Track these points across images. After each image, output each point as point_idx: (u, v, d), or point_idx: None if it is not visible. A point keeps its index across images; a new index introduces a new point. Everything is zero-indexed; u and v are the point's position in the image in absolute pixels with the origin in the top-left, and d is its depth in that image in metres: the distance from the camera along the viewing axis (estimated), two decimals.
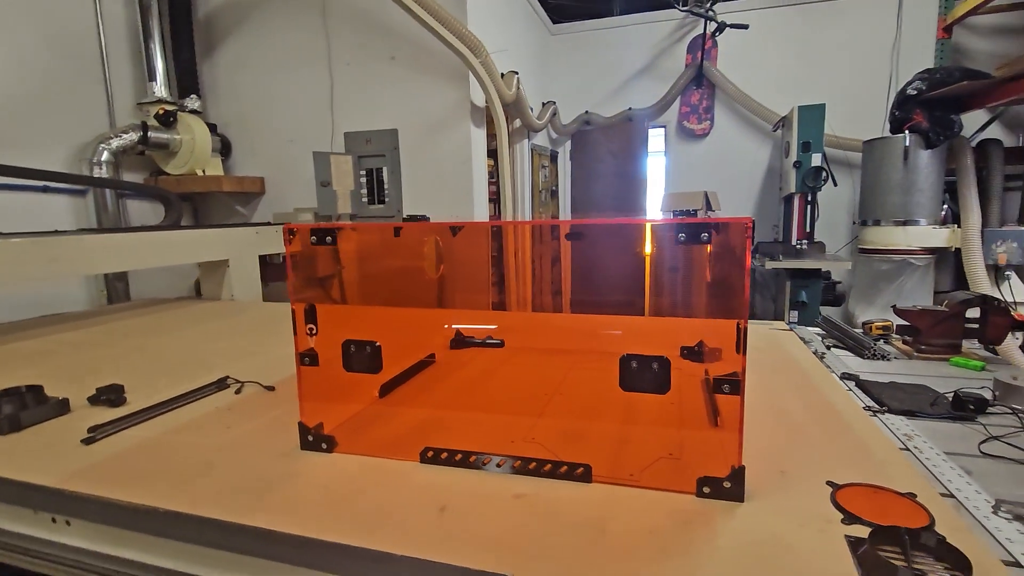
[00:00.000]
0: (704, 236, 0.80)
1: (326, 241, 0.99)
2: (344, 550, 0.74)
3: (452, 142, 3.44)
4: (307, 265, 1.04)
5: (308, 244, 1.02)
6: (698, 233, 0.80)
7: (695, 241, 0.81)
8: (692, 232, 0.80)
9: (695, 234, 0.80)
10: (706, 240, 0.80)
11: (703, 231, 0.80)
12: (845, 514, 0.77)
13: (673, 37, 5.12)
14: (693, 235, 0.80)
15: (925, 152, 3.83)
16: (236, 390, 1.38)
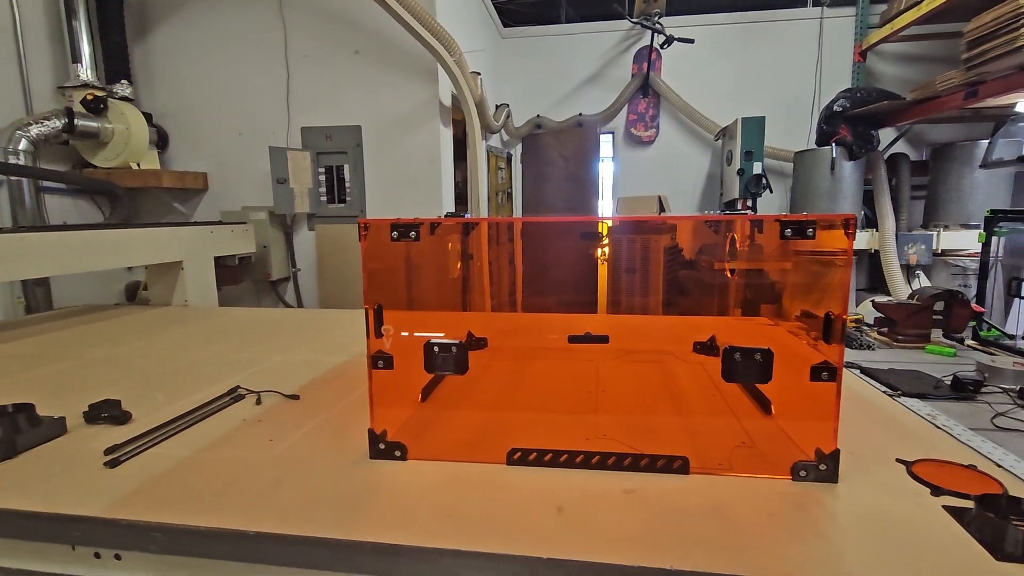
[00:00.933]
0: (809, 231, 0.84)
1: (409, 236, 0.93)
2: (486, 559, 0.70)
3: (420, 141, 3.37)
4: (381, 263, 0.98)
5: (385, 241, 0.96)
6: (804, 229, 0.84)
7: (801, 236, 0.85)
8: (798, 228, 0.84)
9: (801, 230, 0.84)
10: (811, 235, 0.85)
11: (808, 227, 0.84)
12: (931, 487, 0.85)
13: (620, 47, 5.33)
14: (799, 230, 0.84)
15: (848, 163, 4.24)
16: (256, 401, 1.27)
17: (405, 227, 0.94)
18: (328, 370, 1.52)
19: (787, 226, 0.85)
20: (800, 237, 0.86)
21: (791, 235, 0.86)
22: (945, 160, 4.21)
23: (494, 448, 1.00)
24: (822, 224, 0.85)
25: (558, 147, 5.47)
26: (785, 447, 0.99)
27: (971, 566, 0.67)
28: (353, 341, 1.87)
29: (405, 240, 0.94)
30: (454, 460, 0.96)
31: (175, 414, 1.18)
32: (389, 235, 0.95)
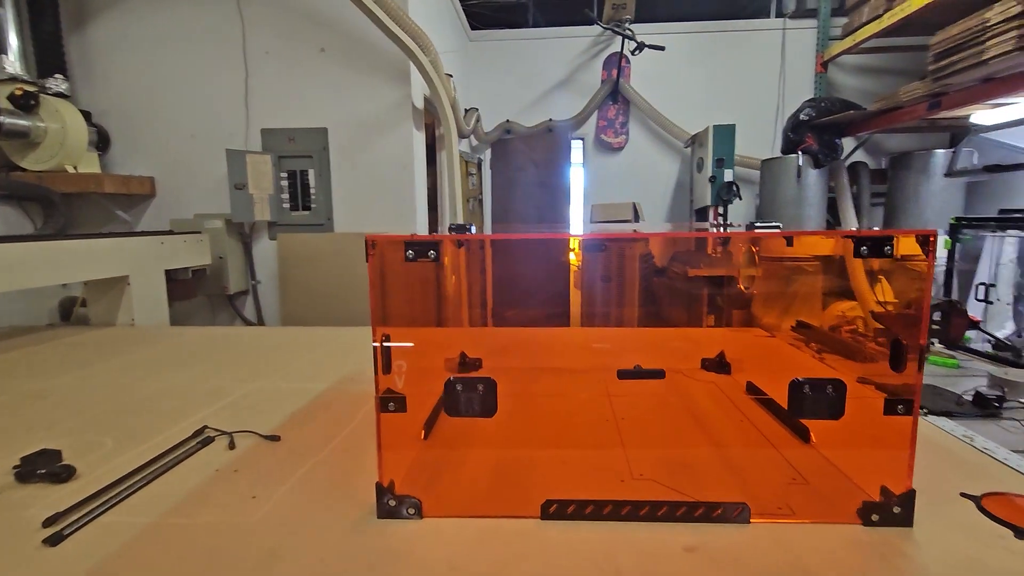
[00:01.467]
0: (887, 249, 0.76)
1: (428, 256, 0.79)
2: None
3: (392, 145, 3.19)
4: (393, 285, 0.84)
5: (398, 260, 0.82)
6: (881, 245, 0.75)
7: (878, 254, 0.76)
8: (875, 244, 0.76)
9: (878, 246, 0.76)
10: (888, 253, 0.76)
11: (886, 244, 0.75)
12: (1013, 528, 0.77)
13: (590, 52, 5.30)
14: (876, 247, 0.76)
15: (814, 171, 4.34)
16: (229, 444, 1.09)
17: (423, 245, 0.79)
18: (308, 401, 1.35)
19: (862, 243, 0.77)
20: (877, 256, 0.77)
21: (867, 253, 0.77)
22: (903, 168, 4.37)
23: (523, 498, 0.87)
24: (899, 240, 0.77)
25: (528, 153, 5.38)
26: (841, 484, 0.91)
27: None
28: (332, 364, 1.70)
29: (422, 260, 0.80)
30: (478, 516, 0.83)
31: (130, 466, 0.99)
32: (403, 254, 0.81)
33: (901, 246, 1.38)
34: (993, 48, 2.51)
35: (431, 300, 1.68)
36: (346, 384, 1.49)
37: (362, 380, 1.52)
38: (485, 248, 1.35)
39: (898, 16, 3.57)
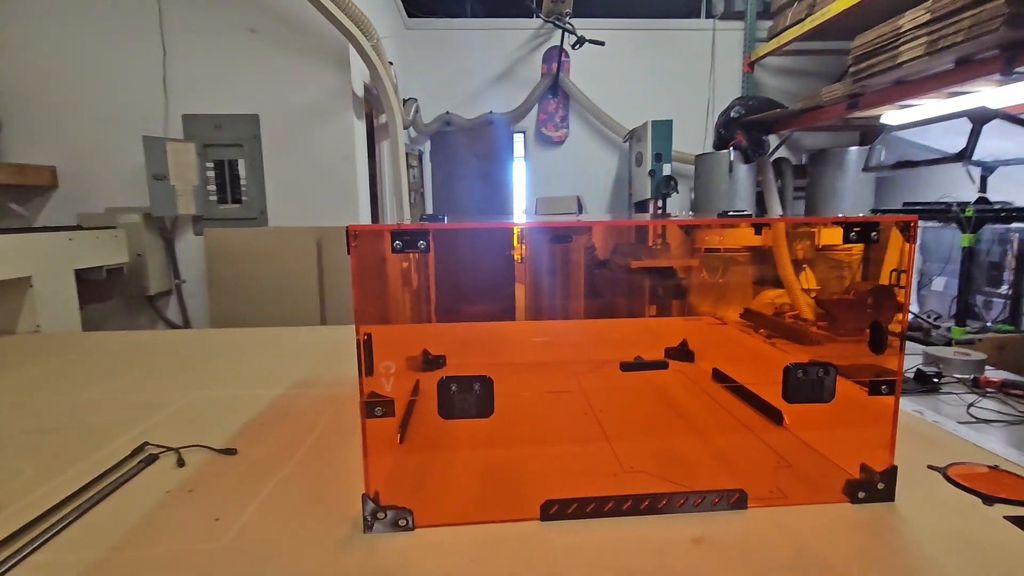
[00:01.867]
0: (873, 235, 0.78)
1: (417, 247, 0.73)
2: None
3: (331, 135, 3.02)
4: (377, 280, 0.77)
5: (383, 251, 0.75)
6: (869, 232, 0.77)
7: (866, 240, 0.78)
8: (864, 230, 0.77)
9: (867, 232, 0.77)
10: (875, 239, 0.78)
11: (872, 229, 0.77)
12: (980, 496, 0.82)
13: (529, 45, 5.28)
14: (864, 233, 0.78)
15: (744, 166, 4.56)
16: (177, 461, 0.98)
17: (411, 235, 0.73)
18: (261, 409, 1.24)
19: (851, 228, 0.78)
20: (865, 241, 0.79)
21: (856, 238, 0.79)
22: (821, 164, 4.69)
23: (518, 500, 0.83)
24: (886, 225, 0.79)
25: (470, 145, 5.30)
26: (821, 464, 0.93)
27: None
28: (281, 368, 1.57)
29: (411, 251, 0.74)
30: (474, 522, 0.78)
31: (59, 495, 0.86)
32: (388, 245, 0.74)
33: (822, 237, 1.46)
34: (906, 52, 2.73)
35: (395, 296, 1.60)
36: (302, 389, 1.38)
37: (318, 384, 1.42)
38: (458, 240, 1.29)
39: (818, 21, 3.82)
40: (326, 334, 2.01)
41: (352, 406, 1.25)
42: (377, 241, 0.77)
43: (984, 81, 2.80)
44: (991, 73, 2.50)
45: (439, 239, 0.81)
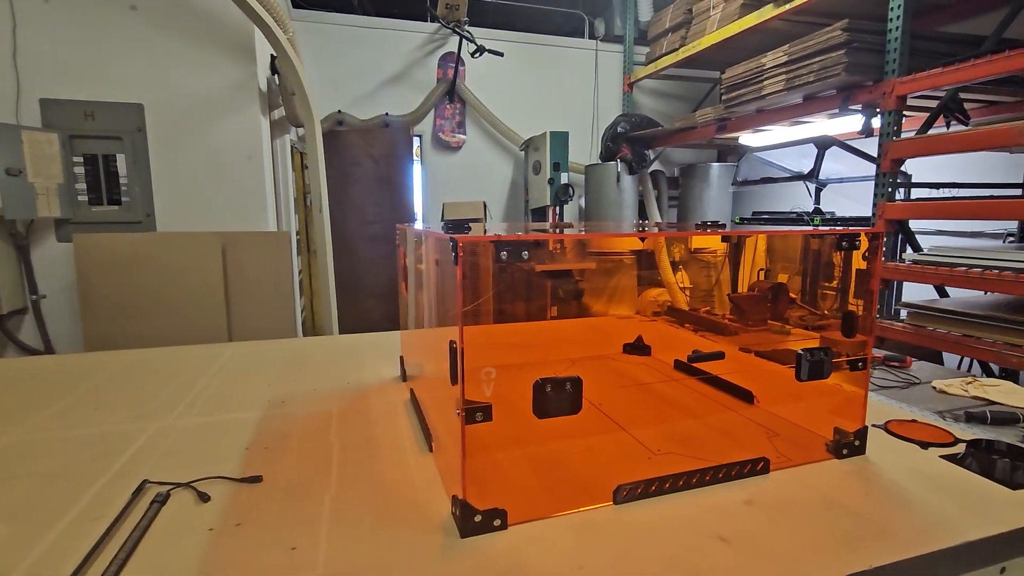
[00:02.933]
0: (857, 243, 0.97)
1: (522, 258, 0.76)
2: None
3: (234, 131, 2.76)
4: (477, 291, 0.78)
5: (490, 263, 0.76)
6: (854, 239, 0.96)
7: (852, 247, 0.97)
8: (850, 240, 0.96)
9: (852, 241, 0.96)
10: (857, 245, 0.98)
11: (856, 239, 0.97)
12: (917, 443, 1.07)
13: (425, 49, 5.26)
14: (851, 243, 0.96)
15: (628, 177, 5.02)
16: (200, 497, 0.88)
17: (514, 246, 0.76)
18: (253, 434, 1.15)
19: (843, 239, 0.97)
20: (852, 248, 0.99)
21: (847, 247, 0.98)
22: (690, 177, 5.33)
23: (584, 489, 0.90)
24: (864, 235, 0.99)
25: (366, 147, 5.12)
26: (798, 432, 1.13)
27: (990, 492, 0.87)
28: (242, 387, 1.44)
29: (515, 262, 0.77)
30: (558, 513, 0.83)
31: (71, 553, 0.74)
32: (492, 257, 0.76)
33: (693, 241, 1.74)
34: (768, 87, 3.26)
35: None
36: (283, 409, 1.29)
37: (297, 401, 1.34)
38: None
39: (690, 52, 4.35)
40: (253, 350, 1.85)
41: (357, 418, 1.21)
42: (476, 252, 0.78)
43: (820, 114, 3.44)
44: (831, 108, 3.09)
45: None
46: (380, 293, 5.29)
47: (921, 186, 3.16)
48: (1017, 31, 2.79)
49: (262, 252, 2.78)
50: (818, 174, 3.33)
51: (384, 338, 2.05)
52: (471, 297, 0.80)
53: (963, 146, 2.41)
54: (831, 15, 3.27)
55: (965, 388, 1.39)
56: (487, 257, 1.12)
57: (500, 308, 1.90)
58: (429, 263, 1.13)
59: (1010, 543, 0.78)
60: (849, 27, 2.72)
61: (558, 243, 4.26)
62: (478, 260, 0.82)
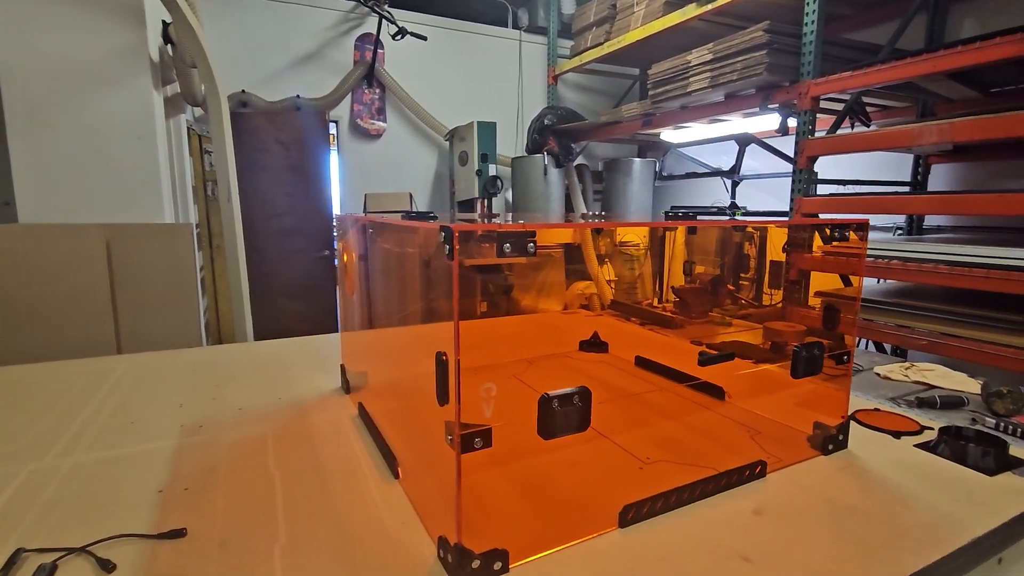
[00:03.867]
0: (846, 233, 0.94)
1: (527, 251, 0.64)
2: None
3: (120, 107, 2.35)
4: (470, 287, 0.65)
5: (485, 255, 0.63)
6: (845, 230, 0.94)
7: (842, 239, 0.94)
8: (841, 231, 0.93)
9: (842, 232, 0.93)
10: (846, 237, 0.95)
11: (847, 228, 0.94)
12: (890, 433, 1.08)
13: (340, 28, 4.89)
14: (842, 234, 0.93)
15: (555, 169, 5.01)
16: (101, 565, 0.68)
17: (518, 237, 0.63)
18: (169, 473, 0.93)
19: (835, 229, 0.94)
20: (842, 240, 0.96)
21: (837, 237, 0.95)
22: (613, 171, 5.42)
23: (582, 510, 0.80)
24: (848, 225, 0.97)
25: (274, 132, 4.69)
26: (777, 428, 1.11)
27: (971, 480, 0.89)
28: (145, 411, 1.20)
29: (518, 255, 0.64)
30: (559, 547, 0.72)
31: None
32: (500, 248, 0.63)
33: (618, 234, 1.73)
34: (694, 83, 3.34)
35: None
36: (203, 435, 1.08)
37: (218, 426, 1.12)
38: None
39: (614, 47, 4.40)
40: (154, 362, 1.58)
41: (298, 442, 1.03)
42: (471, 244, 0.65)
43: (737, 113, 3.60)
44: (752, 107, 3.23)
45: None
46: (294, 293, 4.91)
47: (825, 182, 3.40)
48: (907, 42, 3.06)
49: (157, 247, 2.41)
50: (739, 169, 3.48)
51: (310, 343, 1.83)
52: (425, 296, 0.67)
53: (870, 145, 2.59)
54: (749, 18, 3.42)
55: (905, 373, 1.45)
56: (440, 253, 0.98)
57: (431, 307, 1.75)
58: (389, 256, 0.97)
59: (1006, 533, 0.78)
60: (770, 29, 2.84)
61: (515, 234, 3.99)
62: (428, 256, 0.69)
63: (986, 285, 1.97)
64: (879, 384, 1.44)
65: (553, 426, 0.68)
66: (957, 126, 2.07)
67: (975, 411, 1.19)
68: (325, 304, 4.92)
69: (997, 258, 1.95)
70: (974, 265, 2.03)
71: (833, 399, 1.02)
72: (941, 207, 2.56)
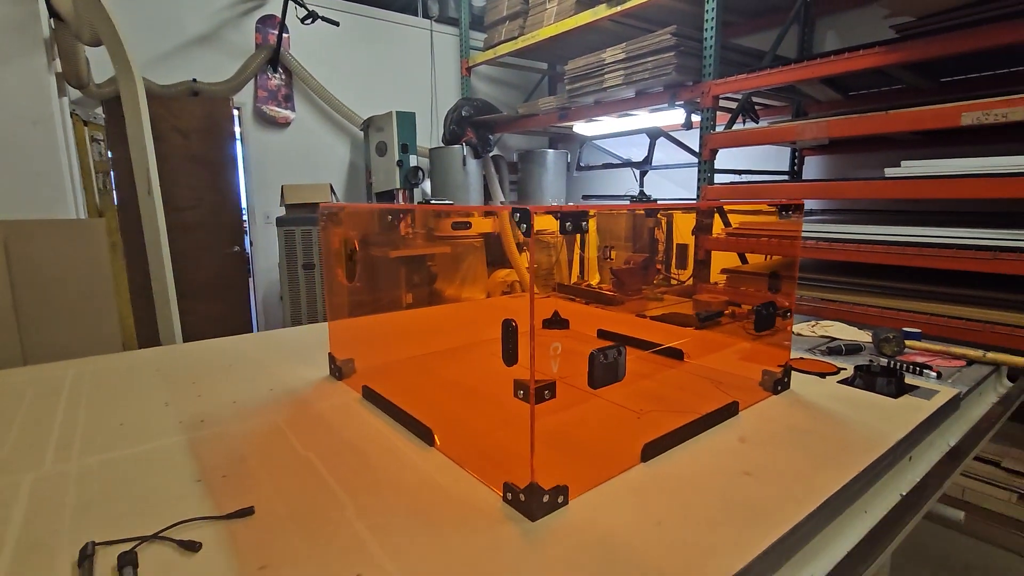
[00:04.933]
0: (792, 212, 1.15)
1: (582, 228, 0.74)
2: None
3: (12, 89, 2.07)
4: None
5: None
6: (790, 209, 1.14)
7: (786, 216, 1.15)
8: (795, 209, 1.14)
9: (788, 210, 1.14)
10: (792, 216, 1.15)
11: (796, 209, 1.14)
12: (816, 374, 1.33)
13: (237, 9, 4.55)
14: (796, 211, 1.14)
15: (474, 160, 5.09)
16: (185, 545, 0.70)
17: (576, 216, 0.74)
18: (196, 464, 0.93)
19: (785, 208, 1.14)
20: (786, 218, 1.16)
21: (790, 214, 1.15)
22: (528, 162, 5.61)
23: (605, 453, 0.94)
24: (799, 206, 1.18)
25: (171, 119, 4.29)
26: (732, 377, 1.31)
27: (882, 403, 1.15)
28: (120, 412, 1.14)
29: (577, 232, 0.74)
30: (598, 483, 0.85)
31: None
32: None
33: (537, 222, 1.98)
34: (609, 80, 3.59)
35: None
36: (210, 430, 1.07)
37: (220, 420, 1.11)
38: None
39: (528, 42, 4.55)
40: (110, 365, 1.47)
41: (315, 426, 1.06)
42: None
43: (645, 108, 3.92)
44: (660, 103, 3.54)
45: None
46: (201, 293, 4.57)
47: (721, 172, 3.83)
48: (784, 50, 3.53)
49: (65, 246, 2.18)
50: (650, 161, 3.80)
51: (265, 338, 1.80)
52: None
53: (765, 140, 2.98)
54: (655, 21, 3.73)
55: (813, 330, 1.76)
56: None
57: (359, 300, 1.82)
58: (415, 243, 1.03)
59: (913, 438, 1.03)
60: (676, 33, 3.14)
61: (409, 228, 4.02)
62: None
63: (857, 257, 2.39)
64: (794, 340, 1.72)
65: (602, 376, 0.80)
66: (833, 123, 2.47)
67: (871, 354, 1.49)
68: (238, 304, 4.62)
69: (864, 235, 2.38)
70: (846, 240, 2.45)
71: (774, 352, 1.24)
72: (815, 193, 3.02)
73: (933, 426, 1.11)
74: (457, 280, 5.60)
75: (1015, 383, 1.46)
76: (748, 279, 3.15)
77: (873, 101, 3.43)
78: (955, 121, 2.08)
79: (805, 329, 1.79)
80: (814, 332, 1.74)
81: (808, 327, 1.80)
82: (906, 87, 3.22)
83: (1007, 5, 2.05)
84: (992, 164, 2.03)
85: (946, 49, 2.25)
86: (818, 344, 1.62)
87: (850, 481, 0.85)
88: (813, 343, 1.64)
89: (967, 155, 2.16)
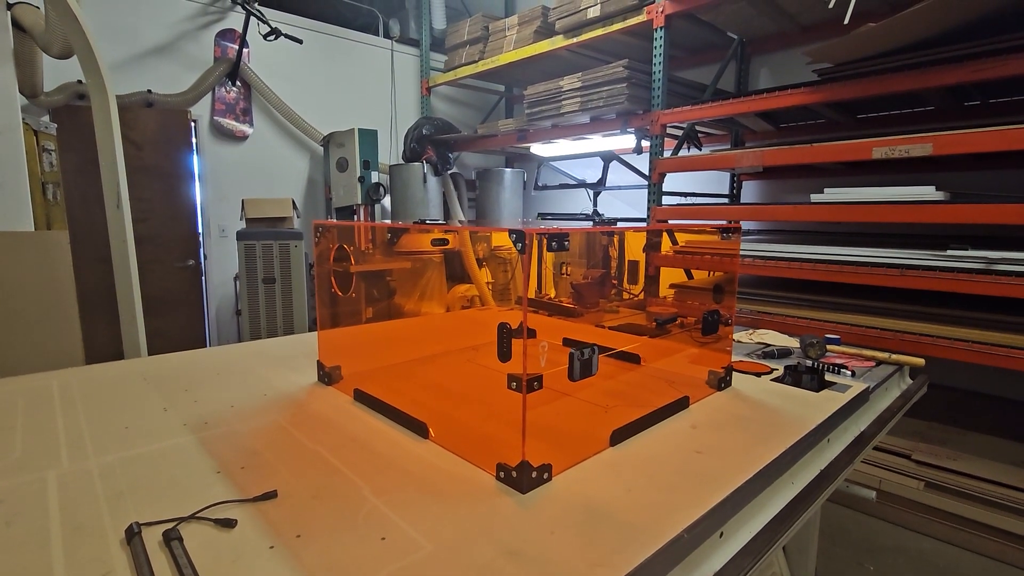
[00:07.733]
0: (733, 235, 1.35)
1: (564, 247, 0.89)
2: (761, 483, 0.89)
3: None
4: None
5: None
6: (729, 230, 1.34)
7: (727, 237, 1.34)
8: (734, 231, 1.33)
9: (728, 231, 1.34)
10: (732, 237, 1.35)
11: (735, 231, 1.34)
12: (753, 374, 1.53)
13: (197, 22, 4.52)
14: (735, 232, 1.34)
15: (433, 178, 5.22)
16: (220, 523, 0.79)
17: (560, 237, 0.89)
18: (212, 459, 1.01)
19: (725, 230, 1.34)
20: (736, 235, 1.36)
21: (730, 235, 1.35)
22: (486, 181, 5.79)
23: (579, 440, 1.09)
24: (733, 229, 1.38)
25: (123, 129, 4.18)
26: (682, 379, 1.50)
27: (805, 396, 1.36)
28: (123, 416, 1.20)
29: (561, 251, 0.90)
30: (577, 461, 1.00)
31: None
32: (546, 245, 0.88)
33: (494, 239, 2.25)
34: (567, 106, 3.82)
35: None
36: (216, 430, 1.15)
37: (224, 421, 1.19)
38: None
39: (488, 66, 4.76)
40: (95, 376, 1.50)
41: (315, 424, 1.16)
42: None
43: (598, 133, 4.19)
44: (613, 129, 3.80)
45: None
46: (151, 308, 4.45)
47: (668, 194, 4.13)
48: (723, 84, 3.88)
49: (26, 259, 2.15)
50: (605, 182, 4.05)
51: (239, 349, 1.85)
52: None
53: (710, 165, 3.27)
54: (609, 53, 4.01)
55: (750, 337, 1.99)
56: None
57: (349, 310, 1.94)
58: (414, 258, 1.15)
59: (831, 423, 1.24)
60: (628, 66, 3.41)
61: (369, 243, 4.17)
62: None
63: (788, 273, 2.68)
64: (734, 346, 1.94)
65: (582, 371, 0.95)
66: (766, 153, 2.77)
67: (799, 357, 1.72)
68: (190, 319, 4.52)
69: (793, 254, 2.67)
70: (778, 259, 2.74)
71: (718, 355, 1.44)
72: (752, 215, 3.33)
73: (847, 414, 1.33)
74: (416, 295, 5.65)
75: (915, 380, 1.72)
76: (694, 293, 3.41)
77: (802, 133, 3.82)
78: (867, 154, 2.40)
79: (744, 337, 2.01)
80: (751, 339, 1.97)
81: (747, 335, 2.03)
82: (828, 121, 3.62)
83: (907, 59, 2.40)
84: (897, 193, 2.36)
85: (858, 92, 2.59)
86: (755, 349, 1.84)
87: (779, 455, 1.03)
88: (751, 348, 1.86)
89: (882, 183, 2.48)
